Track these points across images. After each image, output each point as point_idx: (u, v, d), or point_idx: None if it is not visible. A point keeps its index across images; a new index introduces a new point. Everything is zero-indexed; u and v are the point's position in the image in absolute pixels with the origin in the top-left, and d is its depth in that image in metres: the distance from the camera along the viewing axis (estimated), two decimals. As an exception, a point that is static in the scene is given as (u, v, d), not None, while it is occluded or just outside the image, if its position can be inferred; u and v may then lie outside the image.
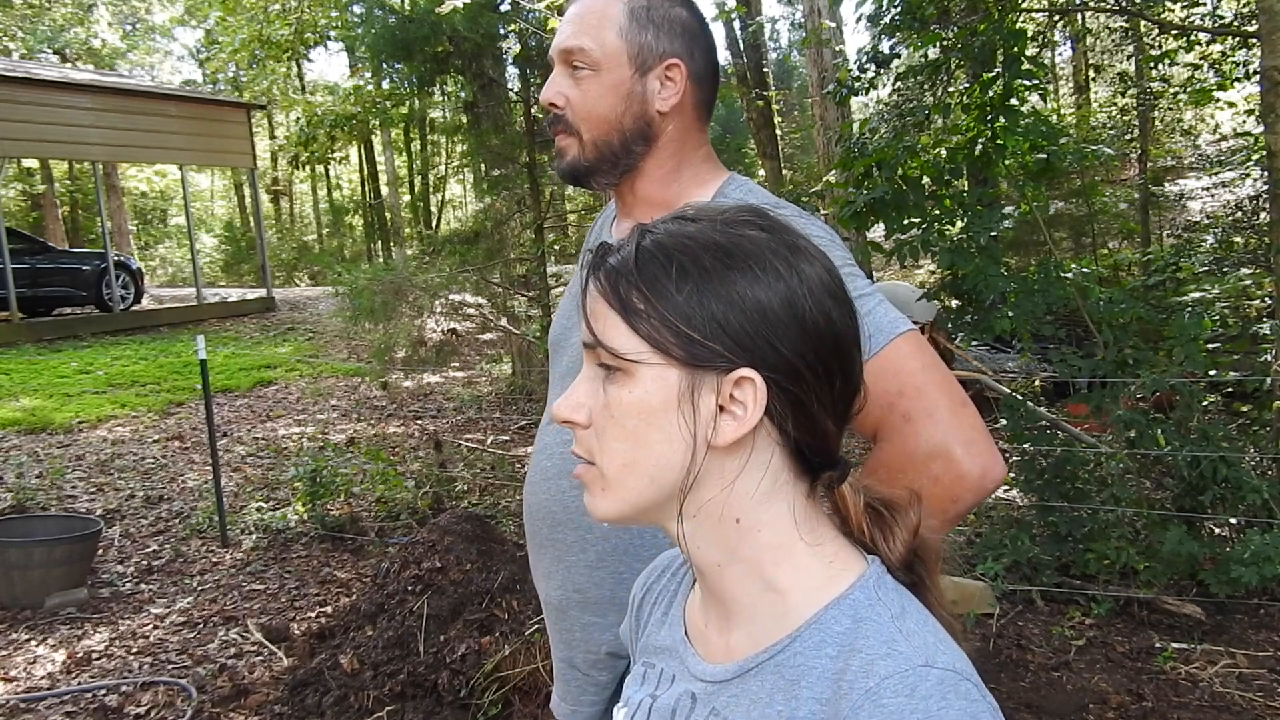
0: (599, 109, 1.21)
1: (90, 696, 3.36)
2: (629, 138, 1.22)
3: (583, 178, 1.27)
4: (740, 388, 0.66)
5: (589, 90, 1.21)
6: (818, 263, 0.69)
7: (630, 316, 0.67)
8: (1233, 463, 3.63)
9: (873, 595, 0.67)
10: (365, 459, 6.03)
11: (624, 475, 0.69)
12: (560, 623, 1.31)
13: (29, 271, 11.96)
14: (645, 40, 1.20)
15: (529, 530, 1.36)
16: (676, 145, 1.25)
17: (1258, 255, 7.89)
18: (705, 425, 0.67)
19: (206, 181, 31.03)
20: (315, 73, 36.34)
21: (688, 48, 1.22)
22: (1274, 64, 3.91)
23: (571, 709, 1.32)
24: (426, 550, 3.45)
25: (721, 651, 0.73)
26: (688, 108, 1.24)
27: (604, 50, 1.20)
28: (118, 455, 6.69)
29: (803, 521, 0.70)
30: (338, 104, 18.12)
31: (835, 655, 0.65)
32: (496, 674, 2.96)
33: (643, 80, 1.21)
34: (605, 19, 1.20)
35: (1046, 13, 7.91)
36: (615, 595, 1.23)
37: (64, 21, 22.98)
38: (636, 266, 0.68)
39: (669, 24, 1.21)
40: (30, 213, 22.51)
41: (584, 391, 0.72)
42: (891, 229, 4.58)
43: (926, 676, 0.60)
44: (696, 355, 0.66)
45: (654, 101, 1.21)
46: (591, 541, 1.24)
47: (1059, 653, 3.41)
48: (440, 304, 7.81)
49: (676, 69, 1.21)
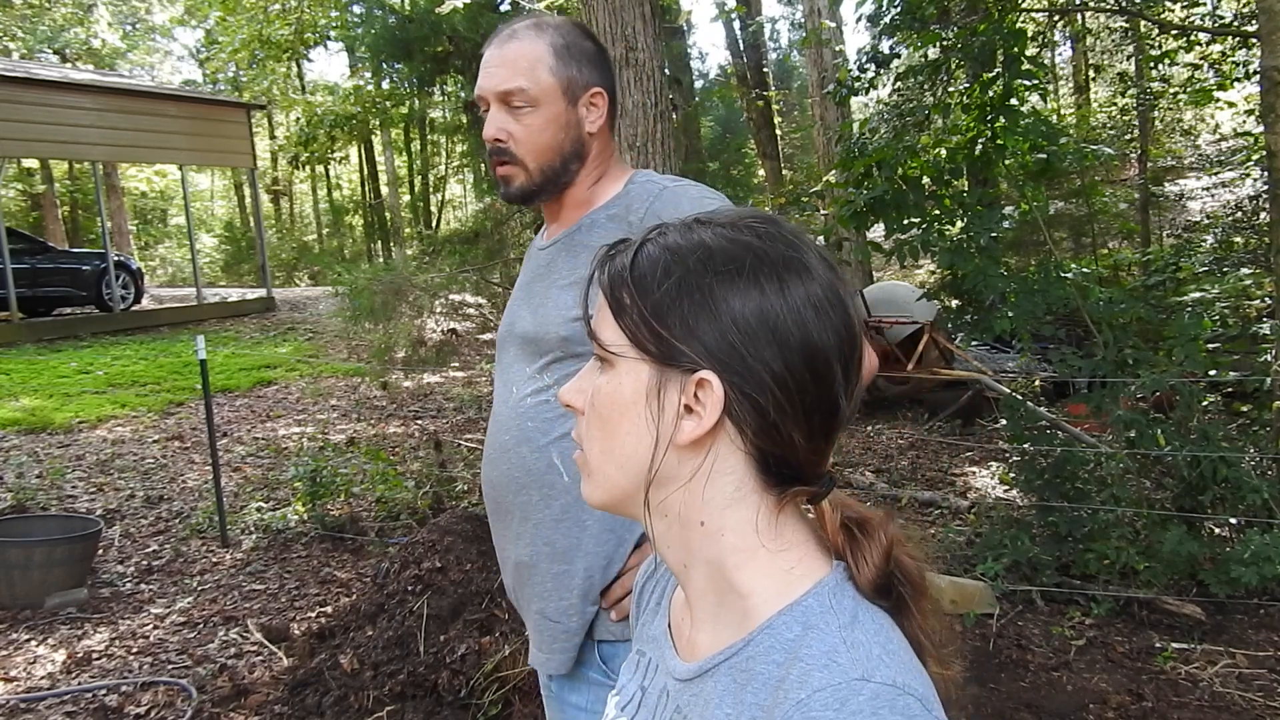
0: (542, 139, 1.41)
1: (90, 696, 3.36)
2: (567, 159, 1.43)
3: (530, 199, 1.47)
4: (702, 389, 0.67)
5: (531, 124, 1.40)
6: (812, 275, 0.69)
7: (617, 309, 0.71)
8: (1233, 463, 3.63)
9: (826, 603, 0.66)
10: (365, 459, 6.03)
11: (601, 463, 0.73)
12: (531, 580, 1.42)
13: (29, 271, 11.95)
14: (572, 74, 1.41)
15: (492, 501, 1.49)
16: (602, 156, 1.47)
17: (1258, 255, 7.89)
18: (669, 422, 0.69)
19: (206, 181, 31.03)
20: (315, 73, 36.35)
21: (604, 75, 1.44)
22: (1274, 64, 3.91)
23: (547, 657, 1.42)
24: (426, 550, 3.45)
25: (689, 648, 0.74)
26: (606, 124, 1.46)
27: (540, 88, 1.39)
28: (118, 455, 6.69)
29: (765, 529, 0.70)
30: (338, 104, 18.13)
31: (781, 662, 0.64)
32: (496, 674, 2.96)
33: (574, 109, 1.42)
34: (536, 61, 1.39)
35: (1046, 13, 7.91)
36: (581, 542, 1.38)
37: (64, 21, 22.97)
38: (632, 264, 0.71)
39: (586, 57, 1.42)
40: (30, 213, 22.51)
41: (588, 379, 0.75)
42: (891, 229, 4.58)
43: (860, 690, 0.59)
44: (666, 353, 0.68)
45: (585, 125, 1.43)
46: (555, 496, 1.38)
47: (1059, 653, 3.41)
48: (440, 304, 7.81)
49: (600, 95, 1.43)
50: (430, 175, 25.20)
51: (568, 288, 1.42)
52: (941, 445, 6.68)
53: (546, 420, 1.40)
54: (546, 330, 1.41)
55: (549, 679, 1.48)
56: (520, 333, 1.48)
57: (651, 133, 3.82)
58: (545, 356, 1.42)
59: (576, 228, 1.46)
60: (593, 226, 1.44)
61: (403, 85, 15.22)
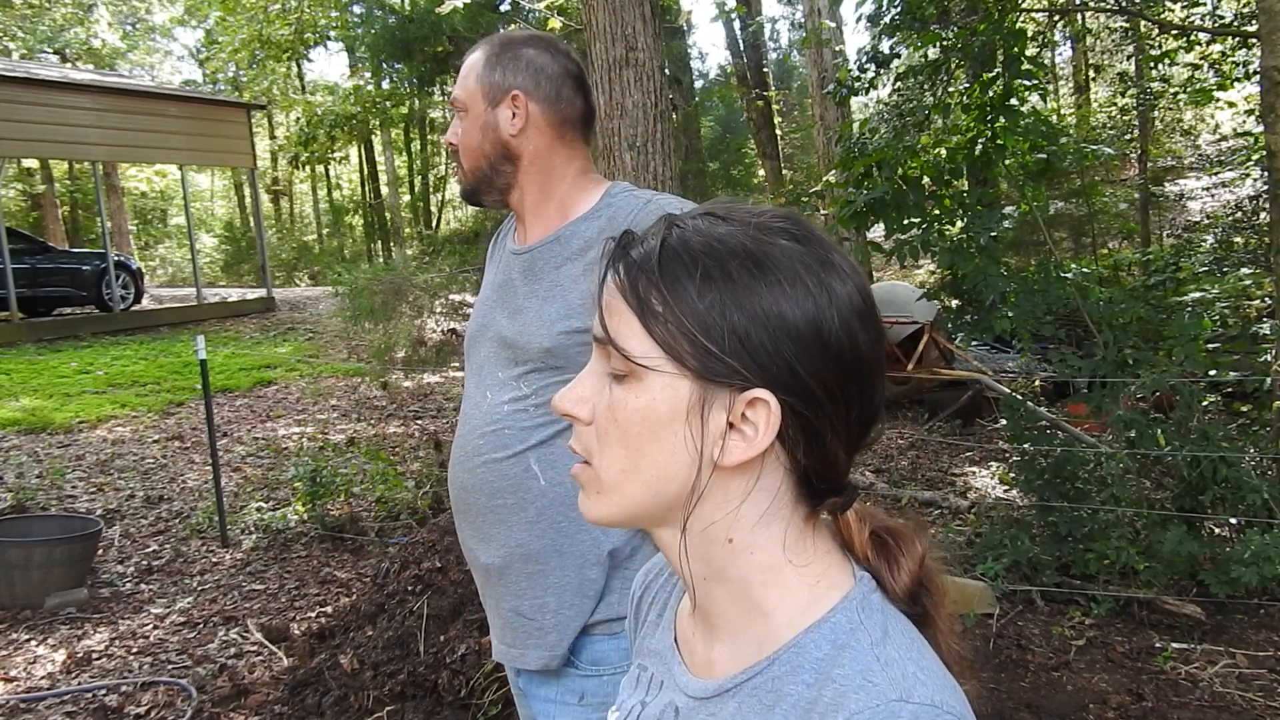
0: (469, 142, 1.49)
1: (90, 696, 3.36)
2: (493, 161, 1.48)
3: (474, 198, 1.54)
4: (753, 408, 0.62)
5: (464, 129, 1.49)
6: (849, 280, 0.65)
7: (647, 318, 0.63)
8: (1233, 463, 3.63)
9: (855, 618, 0.64)
10: (365, 459, 6.03)
11: (622, 482, 0.66)
12: (503, 581, 1.45)
13: (29, 271, 11.95)
14: (494, 79, 1.47)
15: (461, 504, 1.50)
16: (543, 162, 1.48)
17: (1258, 255, 7.89)
18: (713, 442, 0.63)
19: (206, 181, 31.03)
20: (315, 73, 36.35)
21: (533, 79, 1.46)
22: (1274, 64, 3.91)
23: (520, 652, 1.44)
24: (426, 550, 3.45)
25: (704, 665, 0.71)
26: (544, 128, 1.47)
27: (468, 94, 1.48)
28: (118, 455, 6.69)
29: (793, 545, 0.66)
30: (338, 104, 18.15)
31: (811, 683, 0.62)
32: (496, 674, 2.96)
33: (494, 111, 1.47)
34: (470, 69, 1.49)
35: (1046, 13, 7.91)
36: (556, 544, 1.40)
37: (64, 21, 22.97)
38: (659, 264, 0.63)
39: (514, 63, 1.47)
40: (30, 213, 22.51)
41: (589, 386, 0.68)
42: (891, 229, 4.58)
43: (898, 712, 0.57)
44: (711, 369, 0.62)
45: (505, 127, 1.46)
46: (530, 500, 1.41)
47: (1059, 653, 3.41)
48: (440, 304, 7.82)
49: (519, 98, 1.46)
50: (430, 175, 25.21)
51: (550, 300, 1.42)
52: (941, 445, 6.69)
53: (524, 429, 1.41)
54: (528, 339, 1.41)
55: (517, 674, 1.50)
56: (496, 336, 1.48)
57: (651, 133, 3.82)
58: (524, 365, 1.43)
59: (555, 238, 1.46)
60: (573, 238, 1.45)
61: (403, 85, 15.24)
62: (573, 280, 1.42)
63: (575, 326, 1.38)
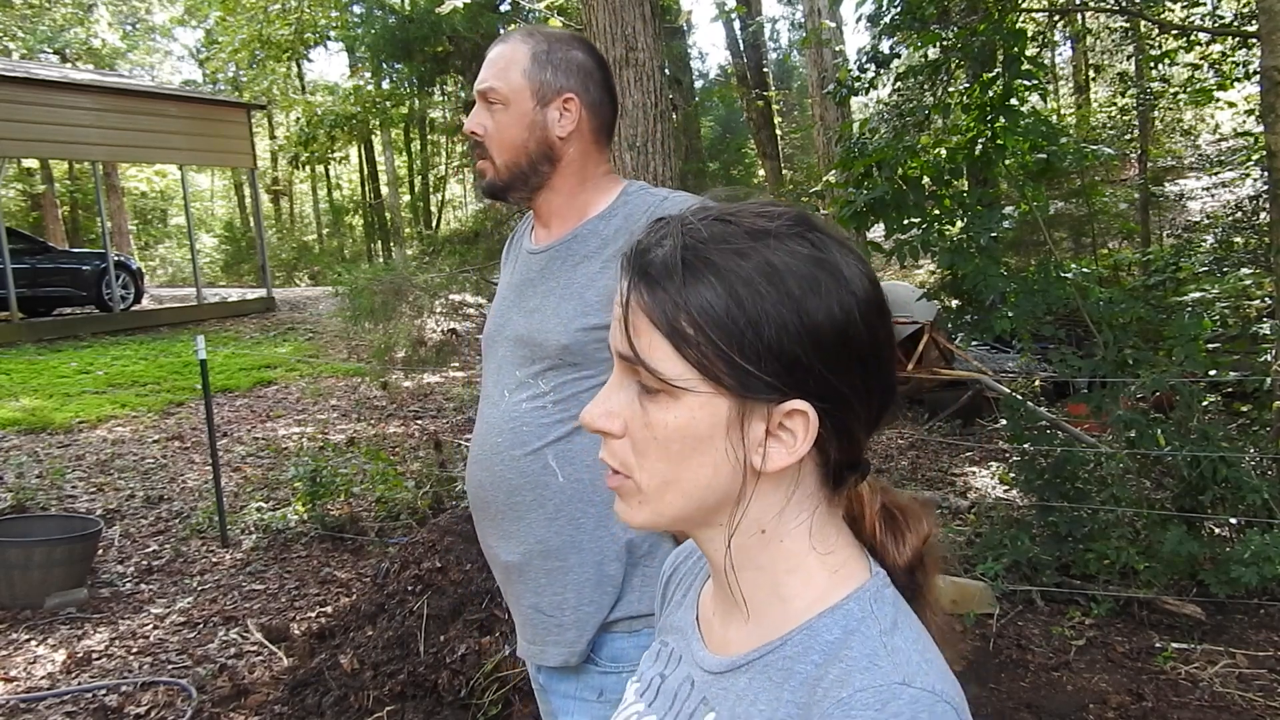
0: (507, 136, 1.46)
1: (90, 696, 3.36)
2: (534, 159, 1.46)
3: (500, 194, 1.51)
4: (791, 418, 0.65)
5: (500, 121, 1.46)
6: (863, 275, 0.67)
7: (678, 340, 0.64)
8: (1233, 463, 3.63)
9: (867, 608, 0.67)
10: (365, 459, 6.02)
11: (664, 492, 0.68)
12: (524, 578, 1.45)
13: (29, 271, 11.95)
14: (545, 78, 1.45)
15: (480, 503, 1.50)
16: (579, 164, 1.48)
17: (1258, 255, 7.89)
18: (754, 452, 0.66)
19: (206, 181, 31.03)
20: (315, 73, 36.35)
21: (582, 83, 1.46)
22: (1274, 64, 3.91)
23: (540, 649, 1.44)
24: (426, 550, 3.45)
25: (721, 642, 0.74)
26: (586, 133, 1.48)
27: (511, 87, 1.45)
28: (118, 455, 6.69)
29: (818, 532, 0.70)
30: (338, 104, 18.15)
31: (820, 662, 0.65)
32: (496, 674, 2.96)
33: (543, 111, 1.45)
34: (512, 63, 1.45)
35: (1046, 13, 7.91)
36: (575, 540, 1.40)
37: (64, 21, 22.97)
38: (684, 284, 0.64)
39: (565, 64, 1.46)
40: (30, 213, 22.51)
41: (618, 401, 0.69)
42: (891, 229, 4.58)
43: (900, 694, 0.60)
44: (749, 385, 0.64)
45: (554, 129, 1.45)
46: (548, 496, 1.41)
47: (1059, 653, 3.41)
48: (440, 304, 7.81)
49: (571, 101, 1.45)
50: (430, 175, 25.20)
51: (568, 298, 1.43)
52: (941, 445, 6.69)
53: (542, 425, 1.41)
54: (545, 337, 1.42)
55: (538, 670, 1.50)
56: (513, 335, 1.48)
57: (651, 133, 3.82)
58: (541, 363, 1.43)
59: (573, 236, 1.47)
60: (589, 236, 1.45)
61: (403, 85, 15.24)
62: (589, 278, 1.42)
63: (593, 324, 1.39)
